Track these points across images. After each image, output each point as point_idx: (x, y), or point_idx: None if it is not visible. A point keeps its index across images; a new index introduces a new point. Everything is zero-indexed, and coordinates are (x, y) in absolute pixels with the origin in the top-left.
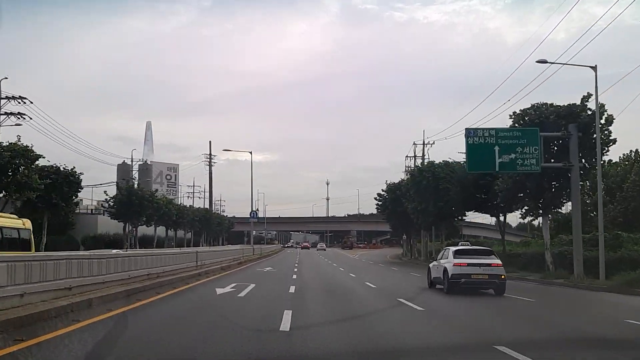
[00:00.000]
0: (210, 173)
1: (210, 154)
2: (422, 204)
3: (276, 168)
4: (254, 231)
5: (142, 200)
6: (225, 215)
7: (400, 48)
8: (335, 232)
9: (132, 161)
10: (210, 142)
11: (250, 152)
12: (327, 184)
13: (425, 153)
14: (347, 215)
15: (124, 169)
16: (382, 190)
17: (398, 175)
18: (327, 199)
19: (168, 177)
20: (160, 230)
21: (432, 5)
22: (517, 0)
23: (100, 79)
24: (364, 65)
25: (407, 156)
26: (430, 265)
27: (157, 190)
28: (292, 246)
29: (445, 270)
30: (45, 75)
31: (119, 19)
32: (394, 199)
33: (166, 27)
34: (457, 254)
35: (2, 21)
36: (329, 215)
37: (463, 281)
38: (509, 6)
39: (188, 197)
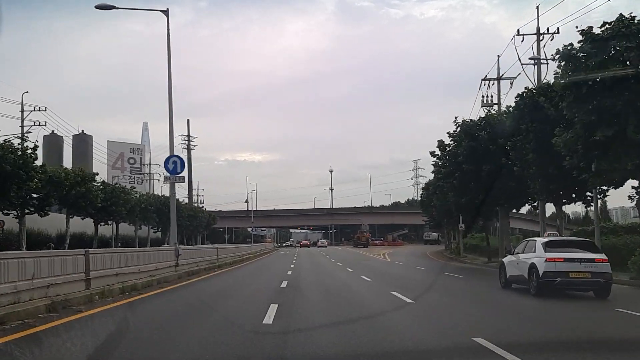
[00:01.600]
0: (190, 158)
1: (188, 135)
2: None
3: (276, 167)
4: (250, 229)
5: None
6: (202, 208)
7: (397, 44)
8: (341, 227)
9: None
10: (188, 120)
11: None
12: (331, 171)
13: (540, 52)
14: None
15: (51, 142)
16: (452, 133)
17: (405, 167)
18: (331, 189)
19: (131, 160)
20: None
21: (428, 1)
22: None
23: (99, 81)
24: (361, 62)
25: (485, 78)
26: (505, 260)
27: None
28: (291, 245)
29: (532, 267)
30: (43, 78)
31: (115, 22)
32: (456, 159)
33: (162, 28)
34: (549, 246)
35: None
36: (333, 207)
37: (559, 281)
38: (505, 1)
39: (162, 186)
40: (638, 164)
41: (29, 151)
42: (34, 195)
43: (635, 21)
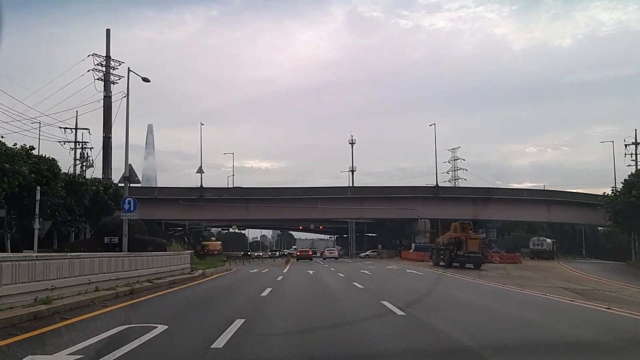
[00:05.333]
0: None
1: (107, 65)
2: None
3: (283, 175)
4: (205, 226)
5: None
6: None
7: (407, 55)
8: (376, 224)
9: None
10: (108, 30)
11: None
12: (352, 143)
13: None
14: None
15: None
16: None
17: (408, 175)
18: (352, 171)
19: None
20: None
21: (438, 13)
22: (522, 7)
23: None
24: (370, 72)
25: None
26: None
27: None
28: (281, 256)
29: None
30: (54, 83)
31: (127, 29)
32: None
33: (174, 36)
34: None
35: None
36: (354, 186)
37: None
38: (515, 13)
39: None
40: None
41: None
42: None
43: None
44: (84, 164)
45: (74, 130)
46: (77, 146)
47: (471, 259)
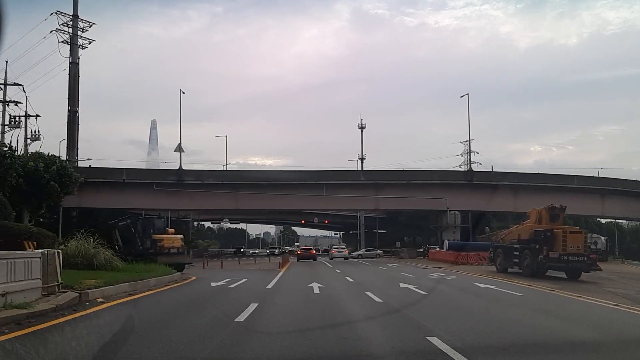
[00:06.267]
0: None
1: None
2: None
3: None
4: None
5: None
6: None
7: (411, 53)
8: (386, 218)
9: None
10: None
11: None
12: (361, 128)
13: None
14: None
15: None
16: None
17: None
18: (362, 159)
19: None
20: None
21: (443, 10)
22: (528, 5)
23: (114, 84)
24: (374, 69)
25: None
26: None
27: None
28: (268, 255)
29: None
30: (57, 79)
31: (132, 25)
32: None
33: (179, 33)
34: None
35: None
36: (365, 170)
37: None
38: (521, 11)
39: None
40: None
41: None
42: None
43: None
44: (29, 137)
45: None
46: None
47: (573, 264)
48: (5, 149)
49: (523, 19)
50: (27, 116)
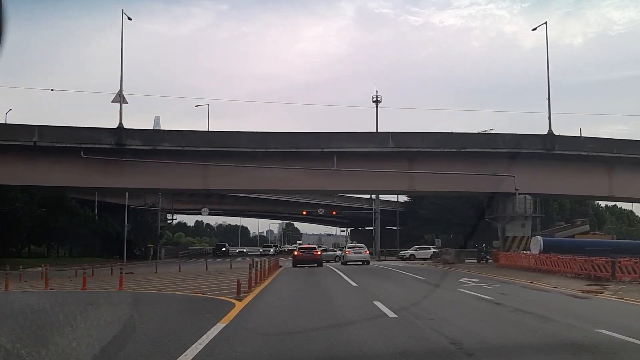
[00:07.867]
0: None
1: None
2: None
3: None
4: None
5: None
6: None
7: (416, 52)
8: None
9: None
10: None
11: None
12: (376, 101)
13: None
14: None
15: None
16: None
17: None
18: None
19: None
20: None
21: (447, 10)
22: (533, 5)
23: (117, 81)
24: (379, 68)
25: None
26: None
27: None
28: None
29: None
30: (61, 76)
31: (136, 22)
32: None
33: (183, 30)
34: None
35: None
36: (394, 131)
37: None
38: (526, 10)
39: None
40: None
41: None
42: None
43: None
44: None
45: None
46: None
47: None
48: None
49: (528, 18)
50: None
